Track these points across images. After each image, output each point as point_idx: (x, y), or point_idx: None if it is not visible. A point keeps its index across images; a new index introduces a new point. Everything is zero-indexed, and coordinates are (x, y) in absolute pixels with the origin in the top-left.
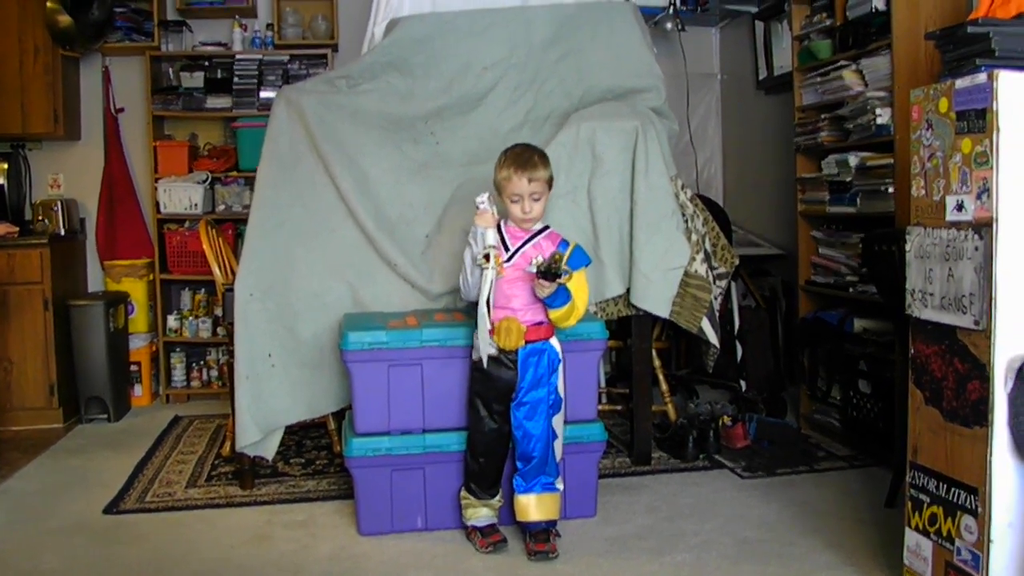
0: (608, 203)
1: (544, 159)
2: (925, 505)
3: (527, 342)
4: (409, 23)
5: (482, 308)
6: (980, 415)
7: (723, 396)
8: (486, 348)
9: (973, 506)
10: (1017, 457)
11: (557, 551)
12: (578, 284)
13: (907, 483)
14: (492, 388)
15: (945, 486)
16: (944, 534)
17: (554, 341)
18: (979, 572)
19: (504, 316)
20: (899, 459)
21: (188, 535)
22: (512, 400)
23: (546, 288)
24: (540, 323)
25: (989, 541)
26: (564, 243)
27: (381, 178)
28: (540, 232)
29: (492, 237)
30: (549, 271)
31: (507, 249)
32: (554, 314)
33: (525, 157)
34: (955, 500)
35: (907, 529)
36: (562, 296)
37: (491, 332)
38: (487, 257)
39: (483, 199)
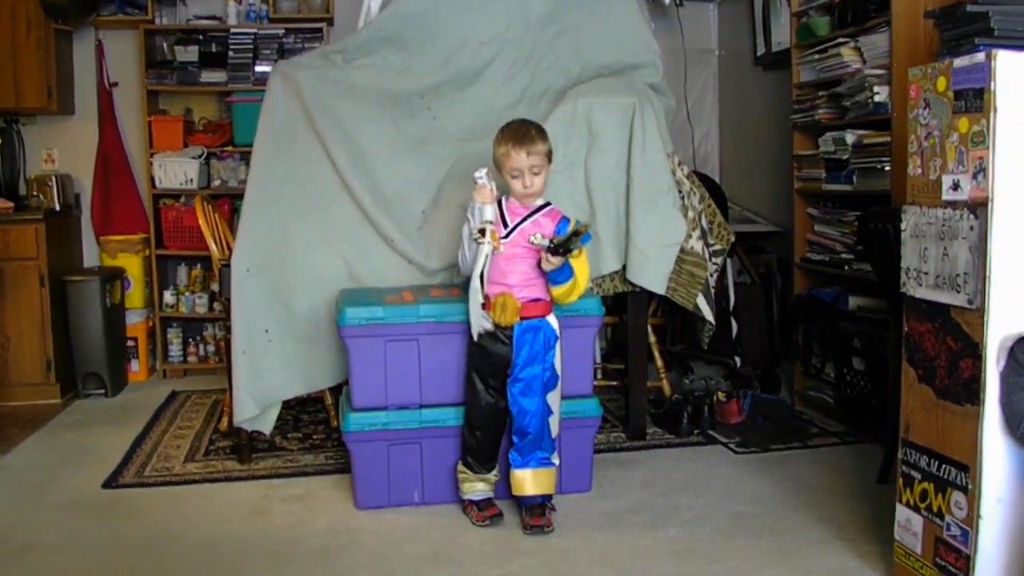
0: (605, 179)
1: (542, 133)
2: (916, 481)
3: (522, 319)
4: None
5: (474, 283)
6: (972, 393)
7: (718, 372)
8: (478, 323)
9: (963, 483)
10: (1008, 435)
11: (553, 525)
12: (580, 260)
13: (899, 459)
14: (488, 363)
15: (936, 463)
16: (934, 510)
17: (551, 318)
18: (968, 547)
19: (500, 292)
20: (891, 436)
21: (186, 509)
22: (508, 376)
23: (553, 263)
24: (536, 300)
25: (979, 517)
26: (564, 220)
27: (377, 153)
28: (540, 209)
29: (490, 212)
30: (563, 246)
31: (506, 225)
32: (557, 291)
33: (522, 132)
34: (946, 477)
35: (898, 505)
36: (566, 272)
37: (486, 307)
38: (482, 232)
39: (481, 174)
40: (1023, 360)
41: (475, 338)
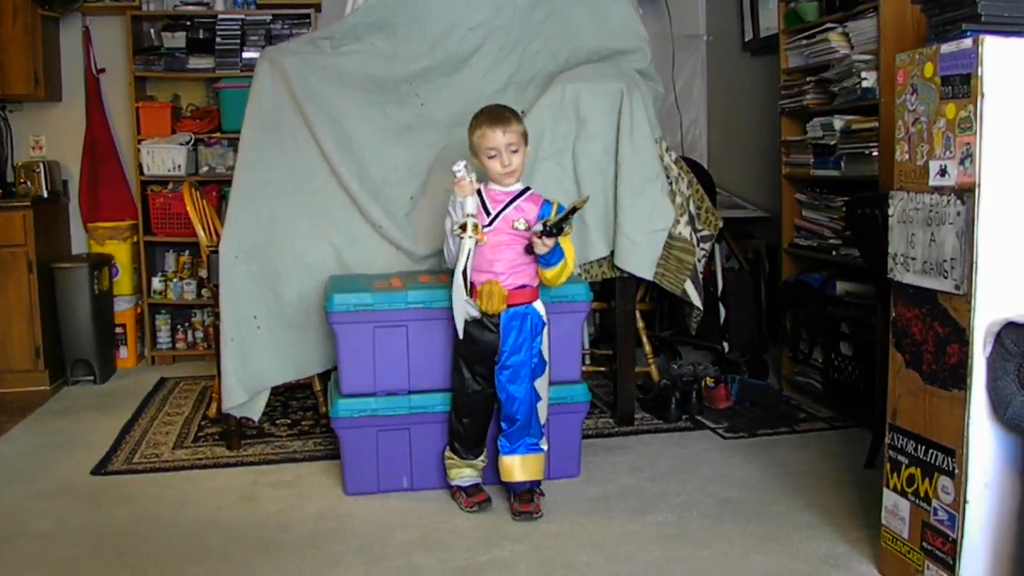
0: (592, 165)
1: (515, 114)
2: (903, 466)
3: (509, 306)
4: None
5: (457, 278)
6: (959, 378)
7: (706, 357)
8: (461, 318)
9: (950, 467)
10: (995, 420)
11: (541, 511)
12: (567, 241)
13: (886, 444)
14: (475, 351)
15: (923, 448)
16: (921, 495)
17: (538, 304)
18: (955, 532)
19: (487, 280)
20: (879, 421)
21: (175, 496)
22: (495, 363)
23: (548, 244)
24: (523, 287)
25: (965, 502)
26: (547, 203)
27: (365, 139)
28: (521, 194)
29: (471, 205)
30: (557, 226)
31: (488, 213)
32: (550, 273)
33: (496, 113)
34: (933, 461)
35: (885, 489)
36: (558, 253)
37: (473, 295)
38: (464, 227)
39: (459, 167)
40: (1009, 345)
41: (459, 335)
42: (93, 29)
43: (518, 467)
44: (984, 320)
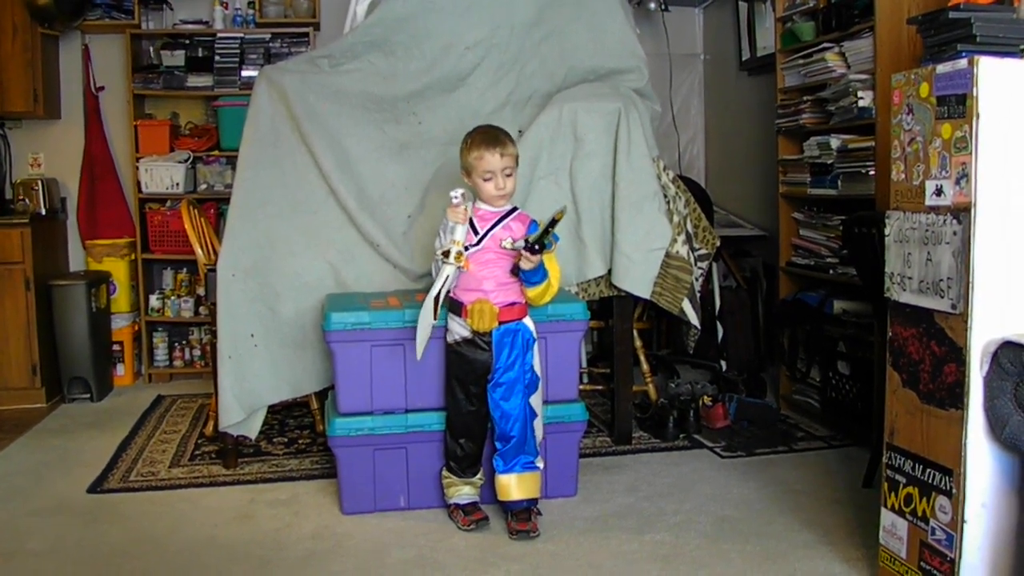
0: (590, 184)
1: (510, 136)
2: (901, 486)
3: (501, 323)
4: (391, 2)
5: (428, 302)
6: (956, 398)
7: (703, 376)
8: (423, 340)
9: (948, 487)
10: (992, 439)
11: (538, 530)
12: (551, 262)
13: (884, 464)
14: (469, 370)
15: (921, 467)
16: (919, 514)
17: (527, 321)
18: (952, 552)
19: (477, 299)
20: (876, 440)
21: (172, 514)
22: (488, 381)
23: (533, 260)
24: (513, 304)
25: (963, 521)
26: (534, 223)
27: (363, 158)
28: (509, 214)
29: (460, 233)
30: (539, 241)
31: (476, 232)
32: (533, 292)
33: (492, 134)
34: (930, 481)
35: (883, 509)
36: (541, 272)
37: (463, 315)
38: (447, 254)
39: (457, 194)
40: (1006, 365)
41: (418, 357)
42: (92, 47)
43: (514, 485)
44: (981, 339)
